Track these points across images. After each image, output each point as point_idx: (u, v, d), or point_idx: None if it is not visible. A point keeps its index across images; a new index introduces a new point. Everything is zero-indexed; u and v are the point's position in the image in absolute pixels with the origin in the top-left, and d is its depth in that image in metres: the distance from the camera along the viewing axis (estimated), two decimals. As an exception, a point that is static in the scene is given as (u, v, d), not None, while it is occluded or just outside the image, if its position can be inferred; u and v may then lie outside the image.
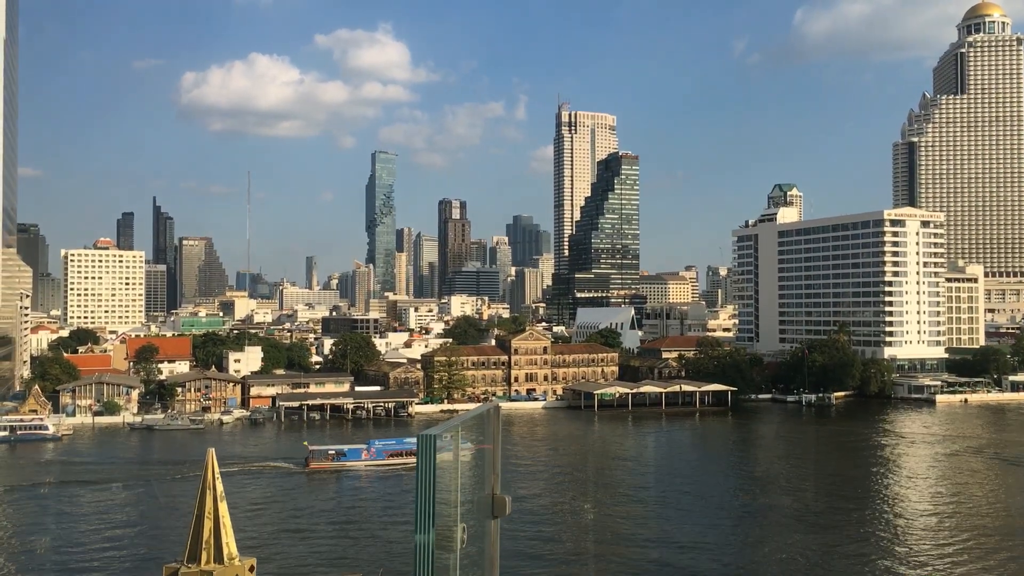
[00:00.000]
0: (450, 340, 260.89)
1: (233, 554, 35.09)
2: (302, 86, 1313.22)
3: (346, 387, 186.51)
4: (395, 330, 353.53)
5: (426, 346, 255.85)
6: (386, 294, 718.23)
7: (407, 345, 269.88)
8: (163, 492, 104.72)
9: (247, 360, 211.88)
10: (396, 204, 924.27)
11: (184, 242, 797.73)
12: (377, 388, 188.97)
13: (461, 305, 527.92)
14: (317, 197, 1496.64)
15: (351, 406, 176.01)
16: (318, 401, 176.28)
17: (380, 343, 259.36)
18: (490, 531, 7.12)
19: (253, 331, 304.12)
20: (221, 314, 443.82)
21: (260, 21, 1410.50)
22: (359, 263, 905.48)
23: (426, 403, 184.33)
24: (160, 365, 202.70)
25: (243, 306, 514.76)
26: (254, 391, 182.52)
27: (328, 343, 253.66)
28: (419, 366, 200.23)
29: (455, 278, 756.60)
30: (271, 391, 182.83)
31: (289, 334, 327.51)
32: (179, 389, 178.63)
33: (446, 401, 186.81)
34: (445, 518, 6.13)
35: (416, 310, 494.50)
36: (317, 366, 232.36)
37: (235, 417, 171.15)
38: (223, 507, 34.63)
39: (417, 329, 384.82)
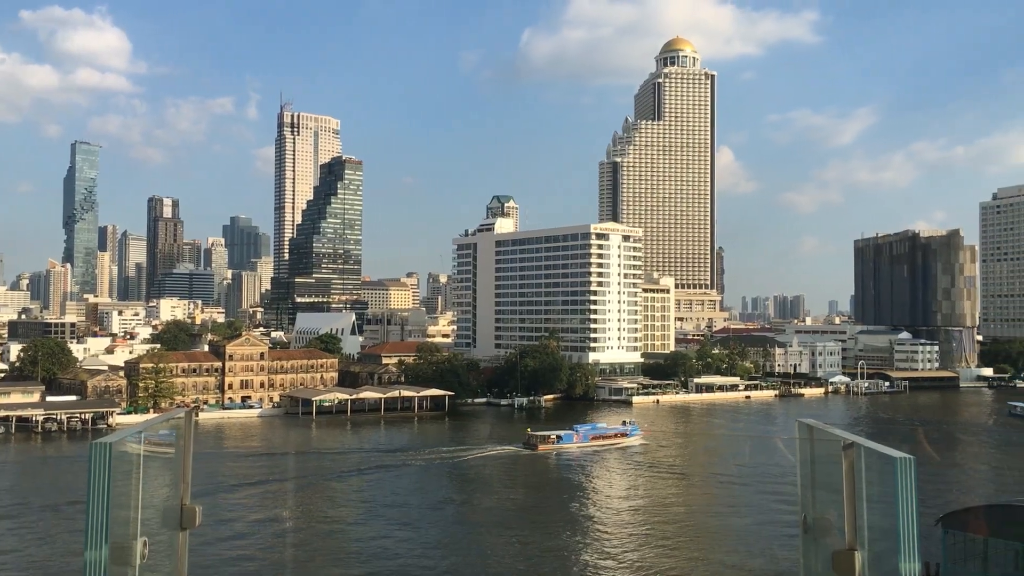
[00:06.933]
0: (158, 346, 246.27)
1: None
2: (3, 66, 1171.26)
3: (36, 397, 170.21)
4: (95, 335, 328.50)
5: (131, 352, 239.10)
6: (86, 296, 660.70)
7: (109, 351, 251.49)
8: None
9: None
10: (102, 200, 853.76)
11: None
12: (73, 398, 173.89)
13: (171, 309, 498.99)
14: (12, 190, 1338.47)
15: (41, 418, 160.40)
16: (2, 413, 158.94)
17: (77, 349, 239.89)
18: (178, 544, 6.90)
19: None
20: None
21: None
22: (54, 262, 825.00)
23: (129, 413, 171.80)
24: None
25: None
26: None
27: (15, 349, 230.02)
28: (122, 373, 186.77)
29: (165, 280, 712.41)
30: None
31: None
32: None
33: (152, 411, 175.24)
34: (122, 532, 5.87)
35: (120, 314, 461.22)
36: (2, 375, 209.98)
37: None
38: None
39: (121, 334, 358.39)
